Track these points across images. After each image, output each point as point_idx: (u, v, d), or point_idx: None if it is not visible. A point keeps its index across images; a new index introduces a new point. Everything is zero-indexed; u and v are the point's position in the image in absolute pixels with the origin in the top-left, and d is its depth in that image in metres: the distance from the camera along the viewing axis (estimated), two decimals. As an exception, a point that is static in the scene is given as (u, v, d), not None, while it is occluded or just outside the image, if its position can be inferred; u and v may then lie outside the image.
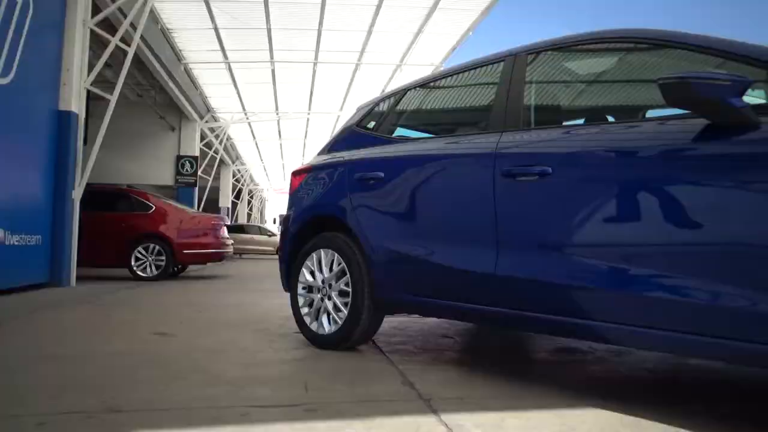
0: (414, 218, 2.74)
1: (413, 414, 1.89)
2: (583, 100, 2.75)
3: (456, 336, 3.55)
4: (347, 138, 3.41)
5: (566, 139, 2.27)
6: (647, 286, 1.88)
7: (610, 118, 2.54)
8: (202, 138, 19.08)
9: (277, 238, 19.44)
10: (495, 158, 2.37)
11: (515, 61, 2.55)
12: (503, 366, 2.76)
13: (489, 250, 2.34)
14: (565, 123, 2.64)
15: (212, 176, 21.71)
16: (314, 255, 3.13)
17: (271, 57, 14.20)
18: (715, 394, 2.29)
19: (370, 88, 16.15)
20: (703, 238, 1.78)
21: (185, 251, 8.73)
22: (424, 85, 3.23)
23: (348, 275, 2.92)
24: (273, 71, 15.16)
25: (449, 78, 3.13)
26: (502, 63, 2.63)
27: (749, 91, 1.75)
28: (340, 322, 2.92)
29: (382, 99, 3.39)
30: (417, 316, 4.19)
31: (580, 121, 2.64)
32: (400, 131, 3.24)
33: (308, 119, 20.25)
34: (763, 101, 1.85)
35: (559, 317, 2.11)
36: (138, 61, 11.77)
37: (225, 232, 9.87)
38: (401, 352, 2.96)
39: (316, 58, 14.36)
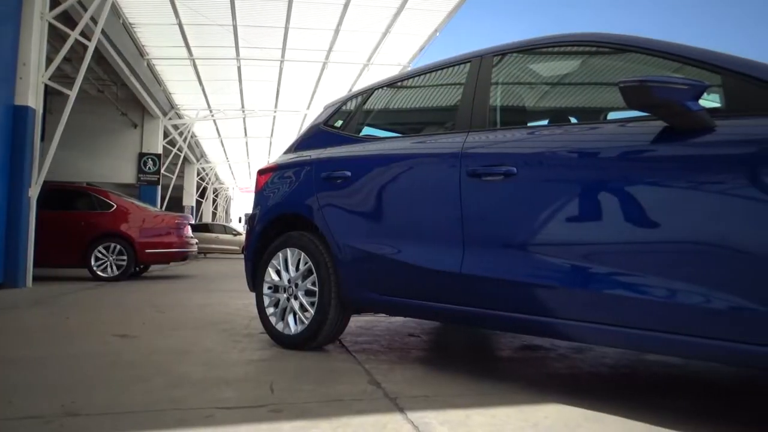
0: (381, 217, 2.74)
1: (379, 413, 1.90)
2: (547, 101, 2.81)
3: (422, 334, 3.58)
4: (314, 137, 3.39)
5: (530, 140, 2.31)
6: (608, 284, 1.93)
7: (573, 120, 2.59)
8: (166, 135, 18.70)
9: (243, 237, 19.20)
10: (461, 158, 2.39)
11: (481, 63, 2.59)
12: (469, 364, 2.79)
13: (455, 249, 2.36)
14: (529, 124, 2.69)
15: (176, 174, 21.30)
16: (280, 254, 3.11)
17: (237, 54, 14.02)
18: (673, 388, 2.36)
19: (337, 87, 16.11)
20: (660, 237, 1.84)
21: (147, 251, 8.54)
22: (392, 84, 3.24)
23: (315, 274, 2.91)
24: (239, 68, 14.97)
25: (416, 78, 3.14)
26: (468, 64, 2.65)
27: (705, 95, 1.81)
28: (306, 322, 2.90)
29: (350, 98, 3.38)
30: (384, 315, 4.19)
31: (544, 122, 2.69)
32: (367, 130, 3.24)
33: (275, 117, 20.06)
34: (717, 105, 1.92)
35: (523, 315, 2.14)
36: (99, 55, 11.46)
37: (189, 231, 9.70)
38: (368, 352, 2.96)
39: (282, 56, 14.24)
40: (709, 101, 1.94)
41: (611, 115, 2.48)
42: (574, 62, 2.54)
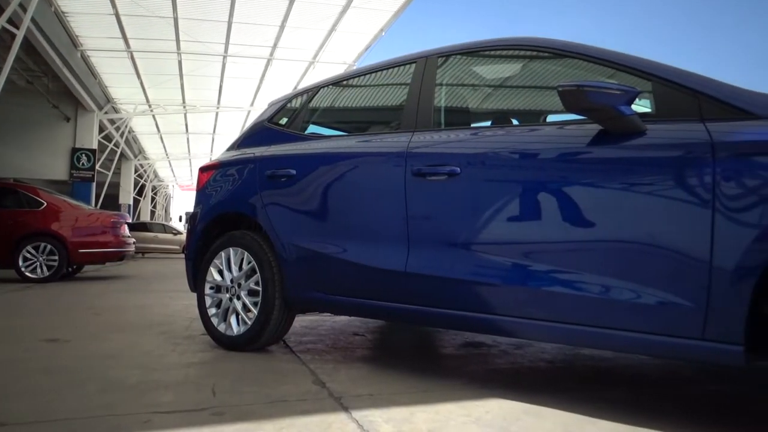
0: (326, 216, 2.73)
1: (324, 412, 1.89)
2: (490, 103, 2.87)
3: (367, 333, 3.58)
4: (258, 134, 3.34)
5: (474, 141, 2.35)
6: (546, 282, 1.99)
7: (515, 121, 2.66)
8: (101, 130, 17.93)
9: (183, 237, 18.68)
10: (406, 158, 2.41)
11: (426, 63, 2.62)
12: (413, 361, 2.82)
13: (400, 248, 2.38)
14: (473, 125, 2.75)
15: (112, 171, 20.47)
16: (223, 254, 3.04)
17: (178, 48, 13.61)
18: (606, 381, 2.47)
19: (282, 85, 15.92)
20: (595, 235, 1.92)
21: (81, 250, 8.17)
22: (338, 83, 3.23)
23: (258, 274, 2.86)
24: (180, 62, 14.55)
25: (362, 77, 3.14)
26: (414, 64, 2.68)
27: (637, 100, 1.90)
28: (249, 323, 2.86)
29: (295, 95, 3.35)
30: (329, 314, 4.18)
31: (487, 123, 2.75)
32: (312, 128, 3.22)
33: (217, 114, 19.61)
34: (648, 110, 2.01)
35: (467, 313, 2.19)
36: (28, 44, 10.86)
37: (126, 230, 9.34)
38: (312, 351, 2.94)
39: (226, 51, 13.94)
40: (641, 106, 2.03)
41: (550, 118, 2.57)
42: (515, 65, 2.61)
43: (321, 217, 2.74)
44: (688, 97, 1.85)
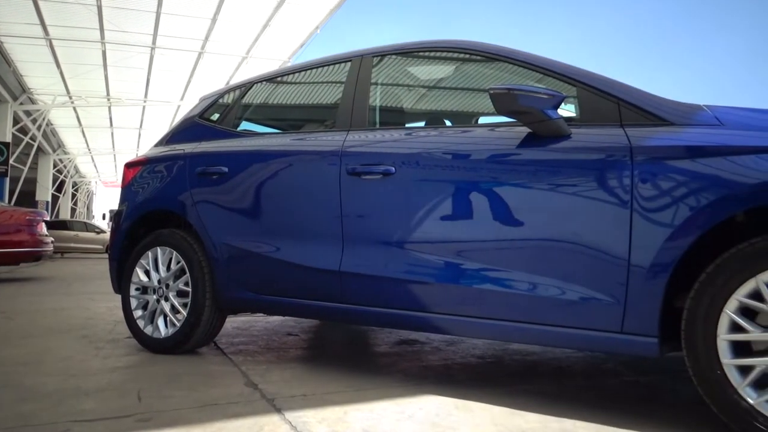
0: (259, 215, 2.68)
1: (256, 414, 1.85)
2: (424, 103, 2.91)
3: (301, 333, 3.55)
4: (188, 129, 3.23)
5: (408, 141, 2.38)
6: (477, 280, 2.05)
7: (448, 122, 2.71)
8: (16, 122, 16.81)
9: (107, 236, 17.81)
10: (341, 156, 2.41)
11: (362, 62, 2.62)
12: (347, 360, 2.82)
13: (334, 247, 2.38)
14: (407, 125, 2.78)
15: (28, 166, 19.24)
16: (150, 253, 2.92)
17: (102, 37, 12.97)
18: (533, 374, 2.56)
19: (214, 79, 15.49)
20: (523, 234, 1.99)
21: (-8, 250, 7.62)
22: (272, 79, 3.18)
23: (188, 274, 2.77)
24: (104, 53, 13.87)
25: (297, 74, 3.11)
26: (349, 63, 2.68)
27: (563, 104, 1.99)
28: (178, 325, 2.76)
29: (228, 91, 3.27)
30: (262, 314, 4.10)
31: (421, 124, 2.79)
32: (245, 125, 3.15)
33: (144, 108, 18.83)
34: (574, 114, 2.11)
35: (401, 311, 2.22)
36: (-71, 27, 10.03)
37: (43, 228, 8.80)
38: (244, 353, 2.88)
39: (154, 42, 13.41)
40: (567, 111, 2.13)
41: (482, 120, 2.63)
42: (448, 67, 2.66)
43: (254, 215, 2.69)
44: (610, 103, 1.96)
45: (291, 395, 2.09)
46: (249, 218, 2.70)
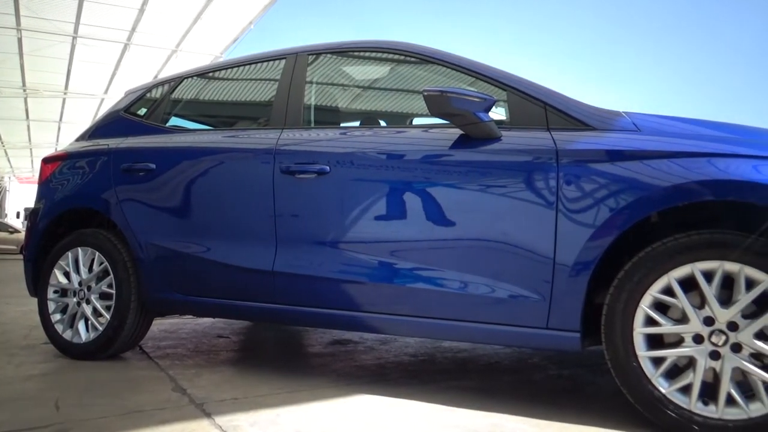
0: (189, 213, 2.60)
1: (185, 420, 1.80)
2: (359, 103, 2.92)
3: (232, 335, 3.47)
4: (113, 124, 3.09)
5: (343, 140, 2.38)
6: (411, 279, 2.08)
7: (383, 122, 2.73)
8: None
9: (22, 235, 16.71)
10: (275, 155, 2.37)
11: (296, 60, 2.59)
12: (280, 362, 2.78)
13: (267, 246, 2.34)
14: (342, 124, 2.77)
15: (-69, 159, 17.77)
16: (70, 254, 2.77)
17: (18, 23, 12.16)
18: (465, 371, 2.62)
19: (141, 72, 14.87)
20: (455, 234, 2.04)
21: None
22: (204, 74, 3.09)
23: (111, 275, 2.65)
24: (20, 40, 13.01)
25: (230, 70, 3.04)
26: (284, 60, 2.64)
27: (494, 108, 2.05)
28: (100, 328, 2.63)
29: (156, 85, 3.15)
30: (191, 316, 3.98)
31: (356, 123, 2.79)
32: (174, 121, 3.04)
33: (65, 100, 17.82)
34: (504, 118, 2.17)
35: (335, 311, 2.22)
36: None
37: (-51, 227, 8.15)
38: (172, 357, 2.78)
39: (76, 31, 12.71)
40: (498, 114, 2.19)
41: (416, 121, 2.67)
42: (384, 68, 2.68)
43: (183, 214, 2.61)
44: (537, 107, 2.03)
45: (221, 399, 2.04)
46: (178, 217, 2.62)
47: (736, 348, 1.66)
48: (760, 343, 1.64)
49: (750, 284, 1.66)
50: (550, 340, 1.90)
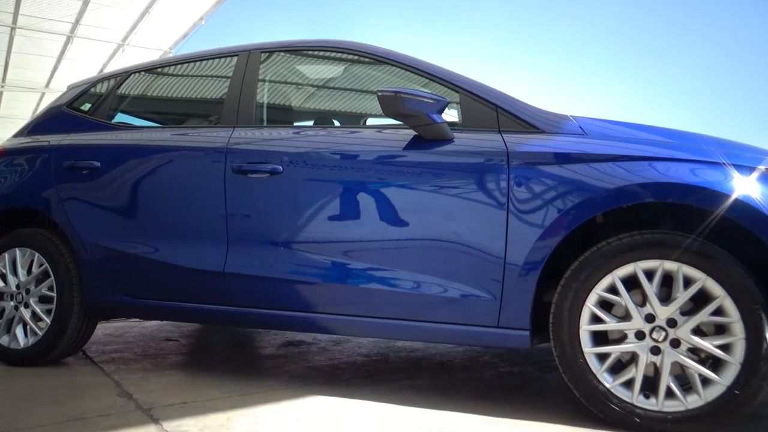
0: (136, 213, 2.52)
1: (131, 427, 1.74)
2: (313, 102, 2.90)
3: (181, 338, 3.39)
4: (55, 119, 2.96)
5: (296, 140, 2.36)
6: (363, 279, 2.09)
7: (336, 122, 2.72)
8: None
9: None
10: (226, 154, 2.33)
11: (249, 58, 2.55)
12: (231, 364, 2.73)
13: (218, 247, 2.30)
14: (295, 123, 2.75)
15: None
16: (6, 255, 2.64)
17: (-50, 11, 11.51)
18: (418, 370, 2.64)
19: (85, 66, 14.31)
20: (408, 234, 2.05)
21: None
22: (152, 69, 3.00)
23: (52, 278, 2.54)
24: (-50, 29, 12.30)
25: (180, 66, 2.96)
26: (236, 57, 2.60)
27: (447, 109, 2.07)
28: (40, 333, 2.52)
29: (101, 79, 3.03)
30: (138, 319, 3.86)
31: (310, 123, 2.77)
32: (121, 117, 2.94)
33: (2, 93, 16.96)
34: (456, 120, 2.20)
35: (287, 312, 2.20)
36: None
37: None
38: (117, 361, 2.69)
39: (14, 21, 12.12)
40: (451, 116, 2.22)
41: (370, 121, 2.68)
42: (338, 67, 2.67)
43: (130, 214, 2.52)
44: (489, 110, 2.07)
45: (169, 404, 1.99)
46: (124, 217, 2.53)
47: (675, 343, 1.74)
48: (696, 338, 1.72)
49: (687, 282, 1.74)
50: (501, 338, 1.94)
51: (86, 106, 2.94)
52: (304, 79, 2.80)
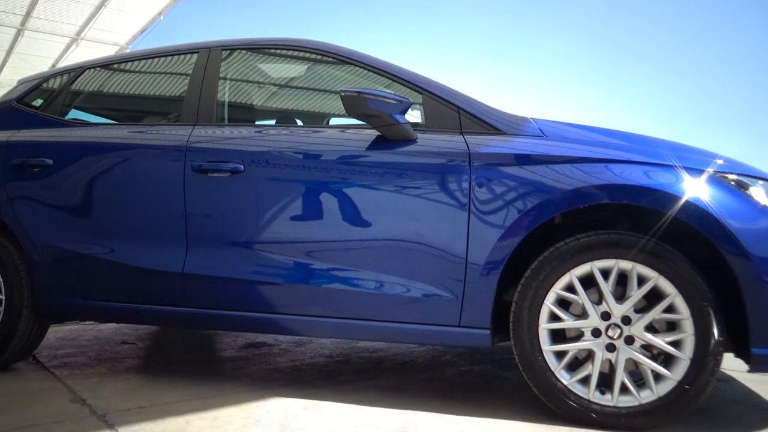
0: (91, 213, 2.44)
1: (84, 432, 1.69)
2: (275, 101, 2.87)
3: (138, 341, 3.30)
4: (3, 115, 2.84)
5: (258, 138, 2.33)
6: (326, 279, 2.08)
7: (299, 122, 2.70)
8: None
9: None
10: (186, 152, 2.28)
11: (209, 55, 2.51)
12: (190, 367, 2.68)
13: (177, 248, 2.25)
14: (257, 122, 2.71)
15: None
16: (-50, 256, 2.52)
17: None
18: (380, 370, 2.65)
19: (37, 61, 13.80)
20: (371, 234, 2.05)
21: None
22: (108, 65, 2.91)
23: (0, 280, 2.44)
24: None
25: (138, 62, 2.88)
26: (196, 54, 2.55)
27: (410, 110, 2.09)
28: (-13, 337, 2.42)
29: (54, 74, 2.93)
30: (93, 322, 3.74)
31: (272, 122, 2.74)
32: (74, 114, 2.85)
33: (-54, 88, 16.21)
34: (419, 120, 2.22)
35: (248, 313, 2.17)
36: None
37: None
38: (71, 366, 2.60)
39: (-41, 12, 11.60)
40: (413, 117, 2.23)
41: (333, 121, 2.67)
42: (300, 66, 2.66)
43: (84, 214, 2.45)
44: (451, 111, 2.09)
45: (126, 408, 1.93)
46: (78, 217, 2.45)
47: (629, 340, 1.80)
48: (649, 335, 1.78)
49: (641, 281, 1.80)
50: (463, 337, 1.96)
51: (38, 102, 2.83)
52: (267, 78, 2.77)
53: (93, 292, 2.39)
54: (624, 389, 1.79)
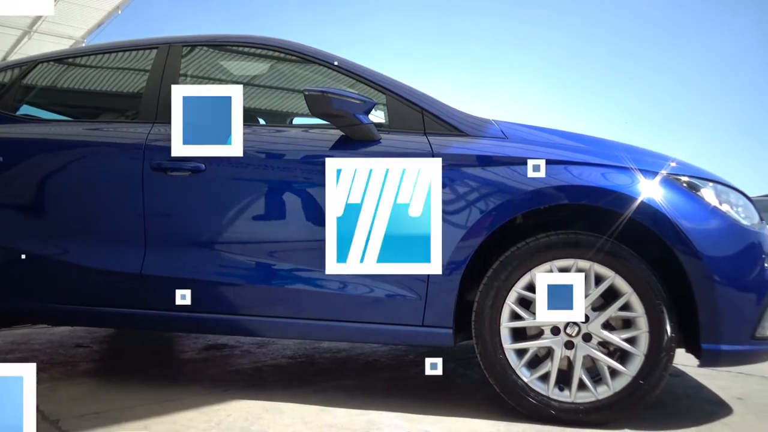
0: (44, 212, 2.36)
1: (36, 440, 1.63)
2: (237, 100, 2.82)
3: (93, 344, 3.21)
4: (-51, 110, 2.71)
5: (220, 137, 2.29)
6: (288, 280, 2.06)
7: (262, 121, 2.67)
8: None
9: None
10: (144, 150, 2.23)
11: (170, 51, 2.45)
12: (148, 371, 2.62)
13: (135, 248, 2.19)
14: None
15: None
16: None
17: None
18: (343, 370, 2.64)
19: (-15, 54, 13.25)
20: (335, 235, 2.04)
21: None
22: (62, 59, 2.82)
23: (-55, 282, 2.33)
24: None
25: (94, 57, 2.80)
26: (155, 50, 2.49)
27: (374, 111, 2.09)
28: (-69, 342, 2.31)
29: (4, 68, 2.81)
30: (46, 326, 3.62)
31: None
32: (26, 109, 2.75)
33: None
34: (383, 121, 2.22)
35: (210, 315, 2.13)
36: None
37: None
38: (22, 370, 2.50)
39: None
40: (377, 117, 2.23)
41: (297, 120, 2.65)
42: (263, 65, 2.62)
43: (36, 213, 2.36)
44: (415, 112, 2.11)
45: (80, 414, 1.88)
46: (29, 216, 2.36)
47: (587, 337, 1.85)
48: (606, 333, 1.83)
49: (598, 280, 1.85)
50: (426, 336, 1.97)
51: (-14, 97, 2.72)
52: (229, 76, 2.73)
53: (46, 294, 2.30)
54: (582, 385, 1.84)
